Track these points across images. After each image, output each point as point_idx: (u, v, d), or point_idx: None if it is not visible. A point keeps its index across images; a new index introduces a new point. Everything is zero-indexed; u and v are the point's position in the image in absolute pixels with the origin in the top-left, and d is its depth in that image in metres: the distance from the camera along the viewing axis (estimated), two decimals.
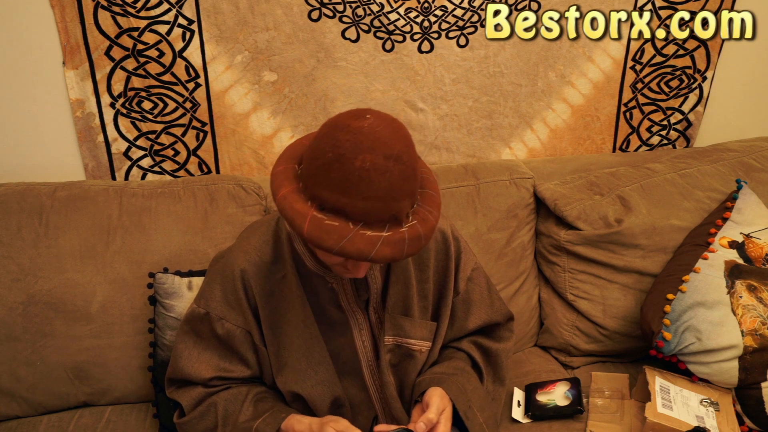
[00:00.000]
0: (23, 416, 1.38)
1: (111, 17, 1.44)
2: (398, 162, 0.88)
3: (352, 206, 0.87)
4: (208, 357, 1.15)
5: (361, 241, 0.87)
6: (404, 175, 0.89)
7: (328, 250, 0.88)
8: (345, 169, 0.86)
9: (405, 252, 0.90)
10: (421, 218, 0.93)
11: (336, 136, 0.88)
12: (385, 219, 0.89)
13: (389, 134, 0.89)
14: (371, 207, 0.87)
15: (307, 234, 0.88)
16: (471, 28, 1.61)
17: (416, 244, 0.91)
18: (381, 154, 0.87)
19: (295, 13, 1.51)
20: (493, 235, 1.57)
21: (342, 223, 0.88)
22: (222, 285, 1.13)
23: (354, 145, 0.86)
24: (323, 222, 0.88)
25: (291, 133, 1.63)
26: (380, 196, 0.87)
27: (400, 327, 1.17)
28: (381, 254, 0.88)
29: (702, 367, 1.33)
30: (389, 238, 0.88)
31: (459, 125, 1.72)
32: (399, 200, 0.89)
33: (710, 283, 1.38)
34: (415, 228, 0.91)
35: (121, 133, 1.56)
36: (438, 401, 1.09)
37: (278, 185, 0.93)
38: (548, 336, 1.63)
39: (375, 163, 0.86)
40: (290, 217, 0.90)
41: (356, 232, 0.87)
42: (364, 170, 0.86)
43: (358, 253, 0.87)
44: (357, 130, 0.87)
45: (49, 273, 1.36)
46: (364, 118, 0.89)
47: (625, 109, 1.83)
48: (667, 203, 1.58)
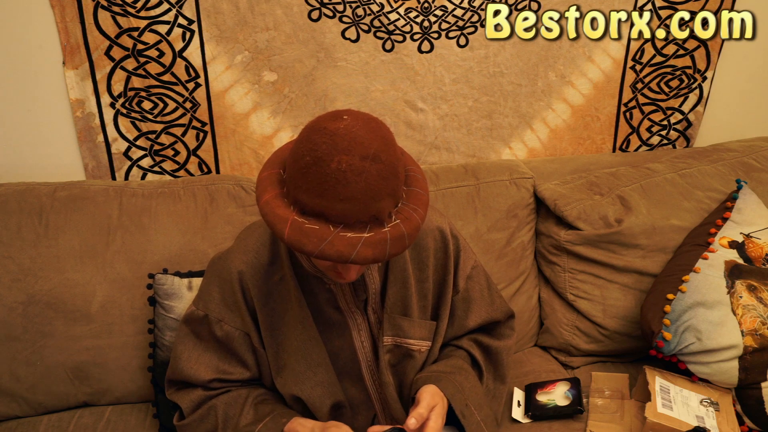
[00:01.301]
0: (23, 416, 1.38)
1: (111, 17, 1.44)
2: (375, 161, 0.87)
3: (330, 208, 0.87)
4: (207, 359, 1.15)
5: (340, 243, 0.86)
6: (383, 174, 0.88)
7: (309, 254, 0.87)
8: (322, 171, 0.86)
9: (388, 252, 0.89)
10: (405, 217, 0.92)
11: (313, 139, 0.88)
12: (366, 220, 0.88)
13: (365, 134, 0.88)
14: (349, 208, 0.87)
15: (288, 238, 0.88)
16: (471, 28, 1.61)
17: (400, 244, 0.90)
18: (357, 155, 0.86)
19: (295, 13, 1.51)
20: (493, 235, 1.57)
21: (322, 226, 0.87)
22: (220, 287, 1.13)
23: (330, 147, 0.86)
24: (303, 226, 0.88)
25: (291, 133, 1.63)
26: (358, 198, 0.86)
27: (398, 327, 1.17)
28: (362, 255, 0.87)
29: (702, 367, 1.33)
30: (370, 239, 0.87)
31: (459, 125, 1.72)
32: (378, 200, 0.88)
33: (710, 283, 1.38)
34: (398, 227, 0.90)
35: (121, 133, 1.56)
36: (429, 397, 1.08)
37: (262, 190, 0.93)
38: (548, 336, 1.63)
39: (351, 164, 0.85)
40: (272, 223, 0.90)
41: (336, 234, 0.87)
42: (340, 172, 0.85)
43: (338, 256, 0.86)
44: (333, 132, 0.87)
45: (49, 273, 1.36)
46: (341, 119, 0.89)
47: (625, 109, 1.83)
48: (667, 203, 1.58)
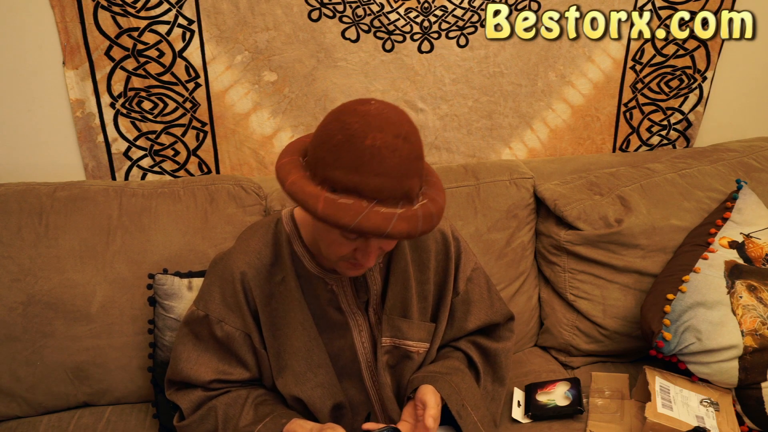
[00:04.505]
0: (23, 416, 1.38)
1: (111, 17, 1.44)
2: (407, 141, 0.90)
3: (365, 183, 0.88)
4: (207, 359, 1.15)
5: (376, 216, 0.88)
6: (413, 154, 0.91)
7: (344, 227, 0.88)
8: (356, 147, 0.88)
9: (420, 229, 0.91)
10: (431, 198, 0.95)
11: (343, 119, 0.90)
12: (398, 196, 0.90)
13: (395, 116, 0.92)
14: (384, 184, 0.88)
15: (322, 213, 0.88)
16: (471, 28, 1.61)
17: (429, 222, 0.92)
18: (390, 133, 0.89)
19: (295, 13, 1.51)
20: (493, 235, 1.57)
21: (356, 201, 0.88)
22: (221, 287, 1.13)
23: (363, 126, 0.88)
24: (337, 201, 0.89)
25: (291, 133, 1.63)
26: (392, 173, 0.88)
27: (397, 328, 1.17)
28: (397, 229, 0.88)
29: (702, 367, 1.33)
30: (403, 215, 0.90)
31: (459, 125, 1.72)
32: (409, 178, 0.91)
33: (710, 283, 1.38)
34: (427, 206, 0.93)
35: (121, 133, 1.56)
36: (433, 398, 1.10)
37: (285, 173, 0.94)
38: (548, 336, 1.63)
39: (385, 141, 0.88)
40: (303, 200, 0.90)
41: (371, 208, 0.88)
42: (375, 148, 0.87)
43: (374, 229, 0.87)
44: (365, 113, 0.90)
45: (49, 273, 1.36)
46: (368, 103, 0.92)
47: (625, 109, 1.83)
48: (667, 203, 1.58)
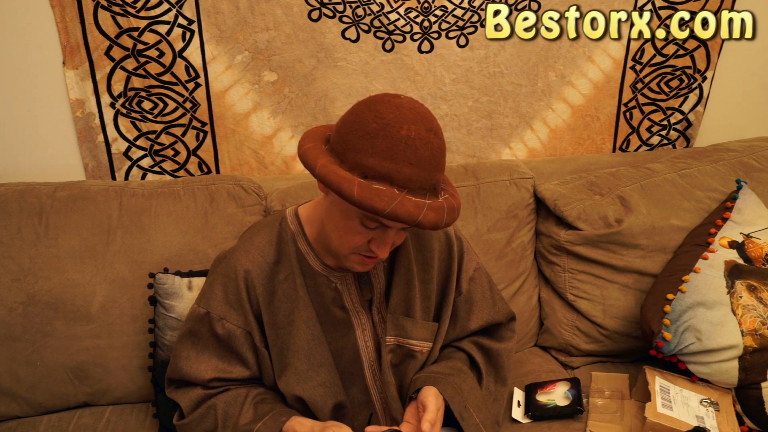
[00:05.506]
0: (23, 416, 1.38)
1: (111, 17, 1.44)
2: (437, 136, 0.95)
3: (398, 171, 0.91)
4: (207, 357, 1.14)
5: (409, 204, 0.91)
6: (441, 149, 0.96)
7: (378, 212, 0.90)
8: (392, 136, 0.91)
9: (446, 220, 0.95)
10: (451, 194, 1.01)
11: (376, 108, 0.93)
12: (426, 188, 0.94)
13: (425, 111, 0.96)
14: (416, 174, 0.92)
15: (358, 195, 0.89)
16: (471, 28, 1.61)
17: (452, 215, 0.97)
18: (423, 127, 0.93)
19: (295, 13, 1.51)
20: (493, 235, 1.57)
21: (388, 188, 0.91)
22: (224, 285, 1.12)
23: (398, 116, 0.92)
24: (371, 186, 0.91)
25: (291, 133, 1.63)
26: (424, 164, 0.92)
27: (401, 327, 1.17)
28: (428, 218, 0.92)
29: (702, 367, 1.33)
30: (432, 205, 0.93)
31: (459, 125, 1.72)
32: (438, 171, 0.96)
33: (710, 283, 1.38)
34: (450, 200, 0.98)
35: (121, 133, 1.56)
36: (435, 400, 1.09)
37: (314, 157, 0.95)
38: (548, 336, 1.63)
39: (419, 133, 0.92)
40: (337, 183, 0.91)
41: (403, 196, 0.91)
42: (410, 138, 0.91)
43: (407, 216, 0.90)
44: (398, 105, 0.94)
45: (49, 273, 1.36)
46: (399, 96, 0.96)
47: (625, 109, 1.83)
48: (667, 203, 1.58)
